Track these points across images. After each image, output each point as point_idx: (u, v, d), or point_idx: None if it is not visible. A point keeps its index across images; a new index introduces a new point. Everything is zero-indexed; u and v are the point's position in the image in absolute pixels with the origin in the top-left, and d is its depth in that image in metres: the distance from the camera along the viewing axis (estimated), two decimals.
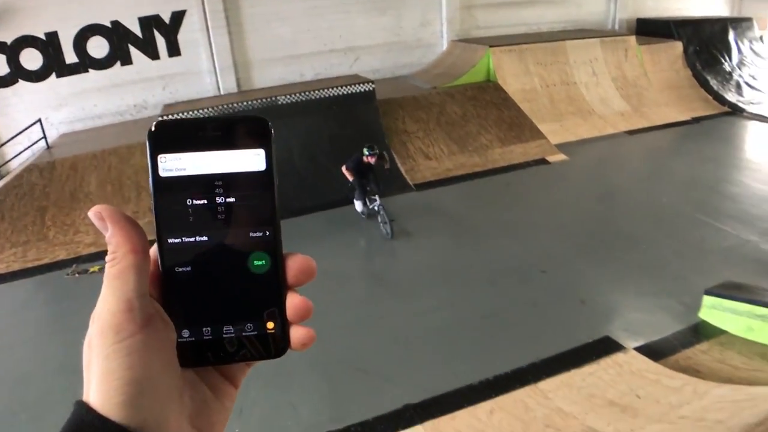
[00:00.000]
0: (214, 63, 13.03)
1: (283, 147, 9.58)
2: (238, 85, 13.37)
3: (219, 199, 0.55)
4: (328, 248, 7.95)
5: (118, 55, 12.43)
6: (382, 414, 4.93)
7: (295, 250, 0.57)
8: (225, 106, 10.26)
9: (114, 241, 0.51)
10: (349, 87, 10.59)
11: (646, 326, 5.94)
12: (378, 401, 5.07)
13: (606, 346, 5.60)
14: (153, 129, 0.53)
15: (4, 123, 11.79)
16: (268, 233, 0.56)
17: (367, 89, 10.62)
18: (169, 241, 0.54)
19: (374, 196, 8.32)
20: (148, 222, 0.53)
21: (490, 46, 12.78)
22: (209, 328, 0.56)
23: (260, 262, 0.56)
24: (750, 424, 3.32)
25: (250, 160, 0.55)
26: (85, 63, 12.26)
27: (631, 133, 12.28)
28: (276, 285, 0.56)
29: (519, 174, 10.29)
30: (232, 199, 0.55)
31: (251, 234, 0.55)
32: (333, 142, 10.08)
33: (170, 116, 9.71)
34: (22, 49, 11.76)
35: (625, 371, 5.22)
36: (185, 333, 0.55)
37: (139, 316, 0.49)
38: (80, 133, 12.19)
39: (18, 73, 11.88)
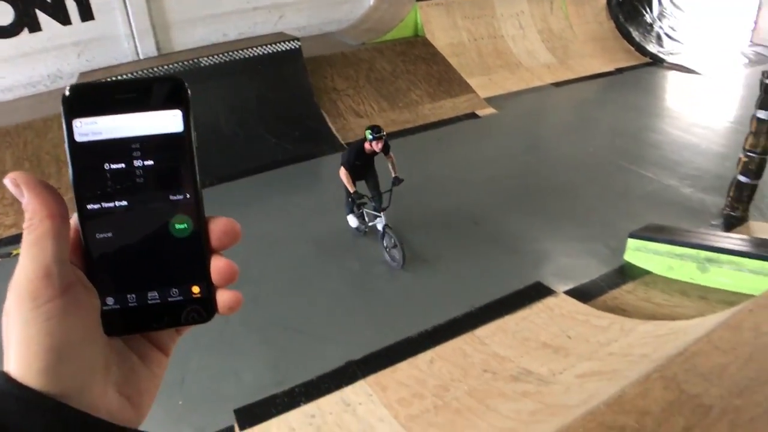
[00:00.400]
0: (131, 26, 12.30)
1: (209, 111, 9.25)
2: (158, 49, 12.70)
3: (137, 163, 0.54)
4: (261, 213, 7.82)
5: (25, 22, 11.46)
6: (325, 372, 4.97)
7: (226, 216, 0.56)
8: (145, 71, 9.79)
9: (30, 207, 0.50)
10: (274, 45, 10.24)
11: (575, 270, 6.17)
12: (320, 361, 5.10)
13: (537, 292, 5.79)
14: (66, 93, 0.52)
15: None
16: (188, 196, 0.55)
17: (293, 47, 10.31)
18: (89, 207, 0.53)
19: (377, 212, 6.51)
20: (71, 199, 0.51)
21: (418, 0, 12.63)
22: (134, 295, 0.55)
23: (182, 226, 0.55)
24: (671, 356, 3.49)
25: (167, 121, 0.54)
26: None
27: (557, 85, 12.50)
28: (199, 249, 0.56)
29: (449, 129, 10.34)
30: (150, 162, 0.54)
31: (171, 197, 0.55)
32: (260, 104, 9.79)
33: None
34: None
35: (556, 314, 5.42)
36: (110, 300, 0.54)
37: (58, 283, 0.48)
38: None
39: None
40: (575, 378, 4.42)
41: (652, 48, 14.14)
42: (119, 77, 9.50)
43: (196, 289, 0.56)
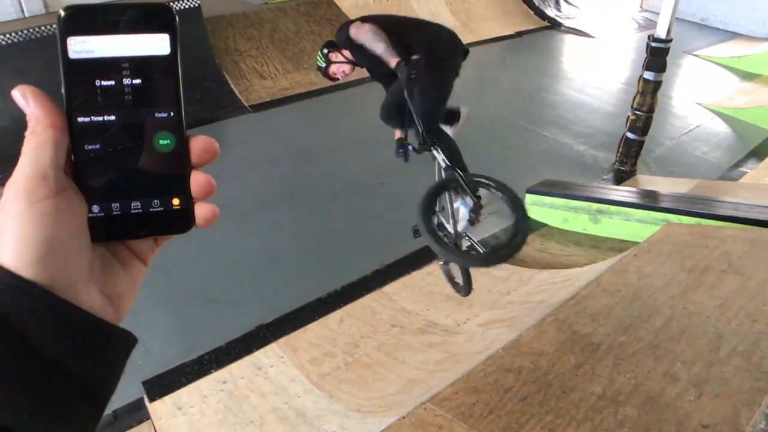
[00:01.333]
0: None
1: None
2: (46, 6, 11.70)
3: (126, 81, 0.57)
4: None
5: None
6: (235, 338, 4.92)
7: None
8: (31, 31, 9.10)
9: (35, 116, 0.53)
10: (172, 4, 9.71)
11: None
12: (230, 327, 5.03)
13: None
14: (62, 14, 0.55)
15: None
16: (172, 114, 0.59)
17: (192, 5, 9.82)
18: (79, 120, 0.56)
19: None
20: None
21: None
22: (118, 204, 0.59)
23: (165, 142, 0.59)
24: (565, 300, 3.73)
25: (156, 44, 0.57)
26: None
27: None
28: (181, 163, 0.60)
29: (355, 90, 10.25)
30: (138, 81, 0.57)
31: (157, 114, 0.58)
32: None
33: None
34: None
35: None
36: (95, 208, 0.57)
37: (53, 185, 0.52)
38: None
39: None
40: (478, 327, 4.63)
41: (551, 12, 14.58)
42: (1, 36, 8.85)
43: (176, 201, 0.61)
